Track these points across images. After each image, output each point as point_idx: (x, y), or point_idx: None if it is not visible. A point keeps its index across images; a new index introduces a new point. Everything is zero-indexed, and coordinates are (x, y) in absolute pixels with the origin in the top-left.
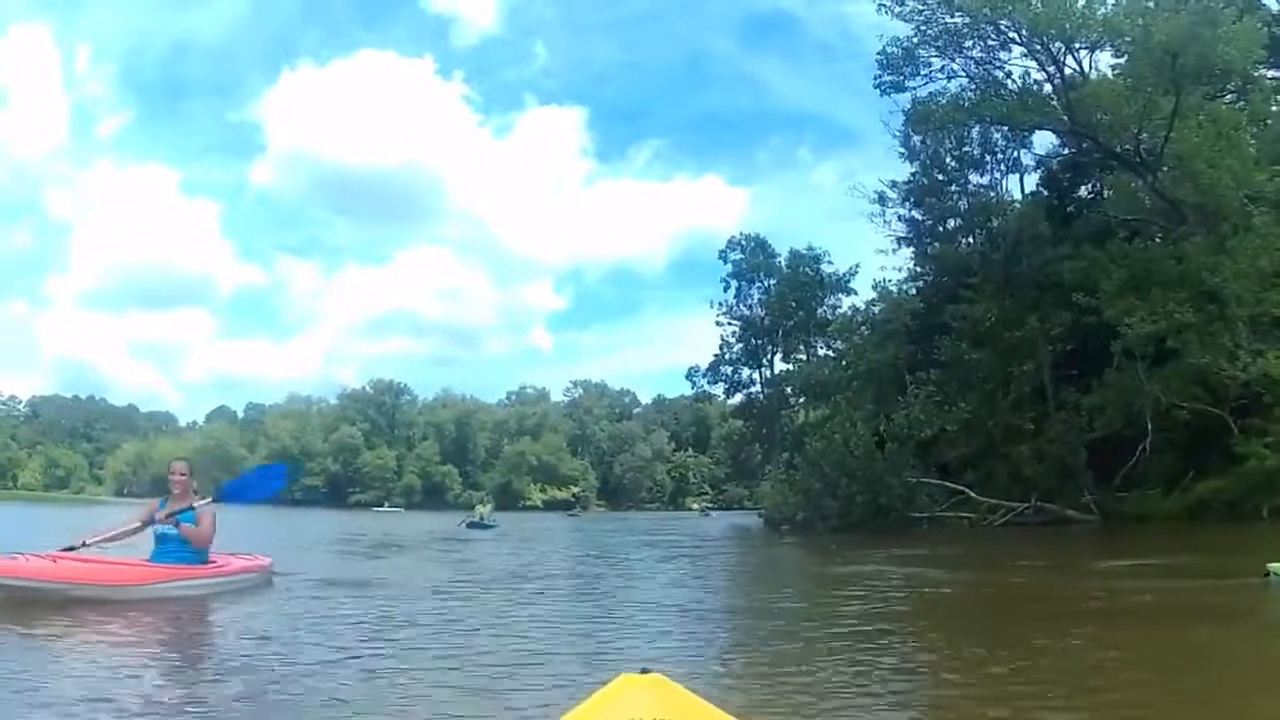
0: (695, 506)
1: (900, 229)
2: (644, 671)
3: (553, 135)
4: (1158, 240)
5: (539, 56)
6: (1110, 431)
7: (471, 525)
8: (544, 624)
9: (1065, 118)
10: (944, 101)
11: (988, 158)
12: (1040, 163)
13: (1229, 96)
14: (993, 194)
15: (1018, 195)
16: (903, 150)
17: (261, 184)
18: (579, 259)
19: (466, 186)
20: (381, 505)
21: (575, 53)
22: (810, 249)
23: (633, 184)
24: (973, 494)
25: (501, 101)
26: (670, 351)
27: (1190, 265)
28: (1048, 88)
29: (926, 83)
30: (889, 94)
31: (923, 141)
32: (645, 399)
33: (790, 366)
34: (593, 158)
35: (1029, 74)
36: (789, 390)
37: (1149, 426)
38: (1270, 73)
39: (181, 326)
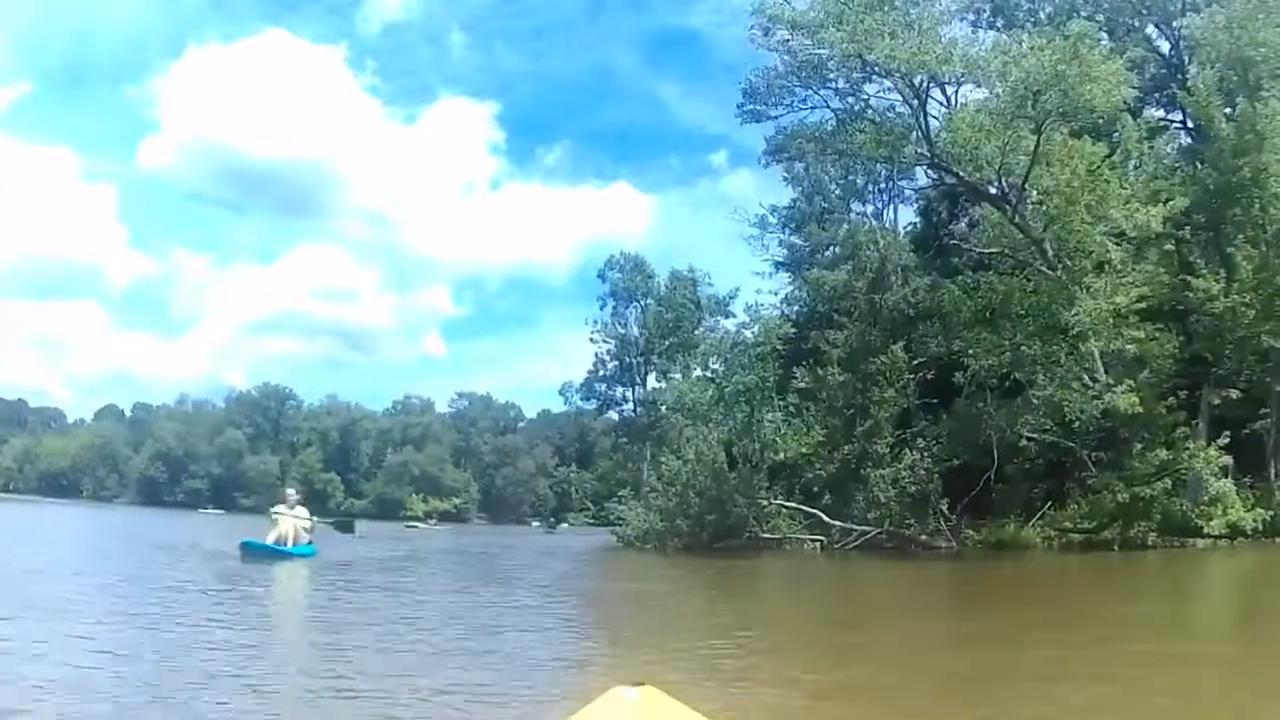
0: (535, 523)
1: (780, 254)
2: (637, 684)
3: (462, 130)
4: (1021, 275)
5: (453, 47)
6: (963, 461)
7: (249, 551)
8: None
9: (925, 151)
10: (801, 132)
11: (870, 188)
12: (919, 194)
13: (1114, 135)
14: (867, 224)
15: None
16: (786, 176)
17: (158, 173)
18: (481, 264)
19: (368, 182)
20: (206, 508)
21: (485, 57)
22: (691, 270)
23: (541, 189)
24: (825, 518)
25: (410, 94)
26: (568, 365)
27: (1042, 298)
28: (912, 121)
29: (789, 112)
30: (749, 122)
31: (805, 169)
32: (531, 413)
33: (662, 385)
34: (502, 155)
35: (895, 107)
36: (663, 409)
37: (995, 457)
38: (1158, 112)
39: (72, 318)
